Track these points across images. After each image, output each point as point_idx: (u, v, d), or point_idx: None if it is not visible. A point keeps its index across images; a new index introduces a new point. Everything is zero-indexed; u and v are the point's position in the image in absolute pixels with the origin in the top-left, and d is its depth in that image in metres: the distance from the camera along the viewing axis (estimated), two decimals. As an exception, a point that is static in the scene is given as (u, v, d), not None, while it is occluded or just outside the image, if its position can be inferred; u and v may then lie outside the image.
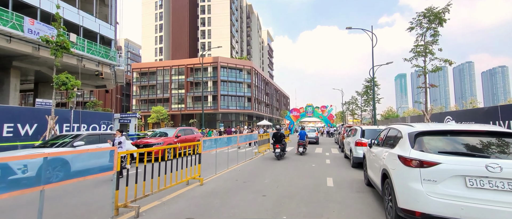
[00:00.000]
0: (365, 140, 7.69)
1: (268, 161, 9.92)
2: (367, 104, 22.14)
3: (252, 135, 10.79)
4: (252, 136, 10.70)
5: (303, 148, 11.84)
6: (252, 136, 10.77)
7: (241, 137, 9.37)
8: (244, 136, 9.74)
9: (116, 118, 19.25)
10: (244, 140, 9.66)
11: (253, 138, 10.89)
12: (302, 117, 46.62)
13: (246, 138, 9.98)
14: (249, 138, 10.52)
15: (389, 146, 4.02)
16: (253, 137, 10.87)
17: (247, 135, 10.19)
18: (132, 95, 53.31)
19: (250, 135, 10.53)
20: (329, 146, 17.53)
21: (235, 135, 8.93)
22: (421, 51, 8.61)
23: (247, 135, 10.17)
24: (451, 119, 18.48)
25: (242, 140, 9.45)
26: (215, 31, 57.80)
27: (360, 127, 8.27)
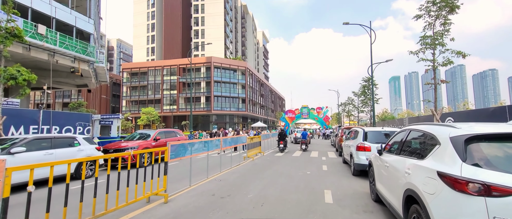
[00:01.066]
0: (368, 144, 6.58)
1: (257, 167, 8.71)
2: (365, 105, 21.16)
3: (239, 137, 9.54)
4: (239, 138, 9.45)
5: (305, 145, 14.60)
6: (239, 139, 9.53)
7: (226, 141, 8.13)
8: (229, 139, 8.48)
9: (96, 120, 17.71)
10: (228, 143, 8.41)
11: (240, 141, 9.65)
12: (297, 119, 45.59)
13: (232, 141, 8.71)
14: (236, 141, 9.27)
15: (413, 155, 2.87)
16: (240, 140, 9.63)
17: (233, 138, 8.92)
18: (122, 96, 51.48)
19: (236, 137, 9.27)
20: (325, 148, 16.43)
21: (217, 138, 7.69)
22: (429, 43, 7.57)
23: (233, 137, 8.89)
24: (453, 121, 17.62)
25: (227, 143, 8.21)
26: (208, 31, 56.56)
27: (362, 128, 7.14)
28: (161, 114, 48.44)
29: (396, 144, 3.71)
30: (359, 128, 7.40)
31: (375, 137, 6.72)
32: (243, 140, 9.87)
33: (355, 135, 7.56)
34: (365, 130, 6.91)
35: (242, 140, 9.77)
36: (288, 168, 8.58)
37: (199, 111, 48.13)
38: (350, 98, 30.74)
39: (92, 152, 7.40)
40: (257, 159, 10.82)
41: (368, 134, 6.82)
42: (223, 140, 7.81)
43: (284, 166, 8.93)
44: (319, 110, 43.49)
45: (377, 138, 6.69)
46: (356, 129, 7.82)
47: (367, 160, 6.29)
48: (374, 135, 6.77)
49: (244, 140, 10.02)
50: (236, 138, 9.23)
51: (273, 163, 9.83)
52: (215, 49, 55.42)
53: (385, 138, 6.60)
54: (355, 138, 7.47)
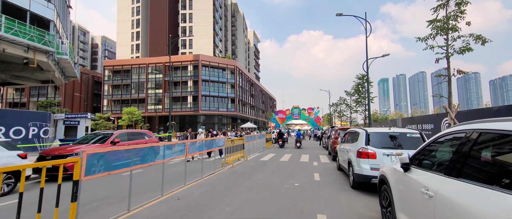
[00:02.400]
0: (373, 149, 5.12)
1: (234, 176, 7.10)
2: (359, 104, 19.97)
3: (214, 140, 7.82)
4: (213, 142, 7.75)
5: (299, 143, 16.98)
6: (214, 142, 7.84)
7: (193, 145, 6.44)
8: (198, 143, 6.77)
9: (60, 119, 15.56)
10: (197, 148, 6.72)
11: (215, 145, 7.97)
12: (288, 119, 44.37)
13: (203, 145, 7.00)
14: (210, 145, 7.59)
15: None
16: (215, 144, 7.95)
17: (205, 141, 7.18)
18: (104, 95, 48.52)
19: (210, 140, 7.55)
20: (317, 151, 15.03)
21: (181, 142, 6.01)
22: (441, 27, 6.26)
23: (205, 140, 7.14)
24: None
25: (195, 148, 6.53)
26: (197, 28, 54.48)
27: (363, 129, 5.67)
28: (145, 114, 45.95)
29: (443, 154, 2.20)
30: (360, 129, 5.93)
31: (380, 140, 5.27)
32: (219, 143, 8.22)
33: (354, 137, 6.09)
34: (368, 130, 5.45)
35: (218, 143, 8.11)
36: (273, 177, 7.02)
37: (185, 111, 45.99)
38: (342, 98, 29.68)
39: (10, 161, 5.56)
40: (238, 165, 9.20)
41: (371, 136, 5.37)
42: (190, 144, 6.13)
43: (268, 175, 7.37)
44: (310, 110, 42.43)
45: (383, 141, 5.24)
46: (355, 129, 6.35)
47: (373, 171, 4.81)
48: (379, 137, 5.32)
49: (221, 143, 8.36)
50: (210, 140, 7.54)
51: (256, 170, 8.25)
52: (203, 47, 53.45)
53: (393, 141, 5.16)
54: (354, 140, 6.00)
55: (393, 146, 5.08)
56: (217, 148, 8.04)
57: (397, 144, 5.11)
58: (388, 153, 4.97)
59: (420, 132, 5.14)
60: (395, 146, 5.08)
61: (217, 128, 48.01)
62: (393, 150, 5.00)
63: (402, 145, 5.06)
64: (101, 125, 40.74)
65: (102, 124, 40.79)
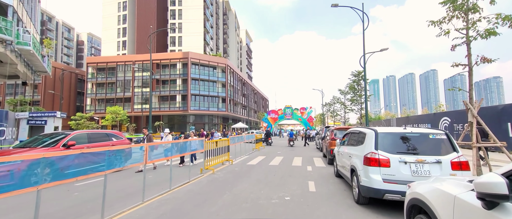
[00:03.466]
0: (385, 155, 3.93)
1: (212, 187, 5.78)
2: (355, 102, 18.94)
3: (186, 144, 6.35)
4: (185, 145, 6.29)
5: (292, 142, 18.44)
6: (186, 146, 6.39)
7: (154, 149, 5.03)
8: (164, 147, 5.32)
9: (23, 118, 13.74)
10: (164, 153, 5.29)
11: (188, 149, 6.55)
12: (280, 119, 43.30)
13: (170, 149, 5.54)
14: (182, 149, 6.17)
15: None
16: (188, 147, 6.53)
17: (173, 145, 5.66)
18: (87, 93, 45.99)
19: (182, 143, 6.09)
20: (310, 153, 13.88)
21: (136, 145, 4.62)
22: (460, 5, 5.20)
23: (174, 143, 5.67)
24: (449, 121, 15.82)
25: (159, 153, 5.13)
26: (187, 25, 52.66)
27: (372, 129, 4.48)
28: (131, 113, 43.82)
29: None
30: (366, 128, 4.73)
31: (394, 142, 4.09)
32: (195, 146, 6.83)
33: (359, 138, 4.90)
34: (378, 130, 4.26)
35: (193, 147, 6.71)
36: (259, 187, 5.75)
37: (174, 111, 44.16)
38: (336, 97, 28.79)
39: None
40: (220, 171, 7.88)
41: (382, 137, 4.17)
42: (151, 148, 4.76)
43: (253, 184, 6.09)
44: (303, 110, 41.51)
45: (398, 144, 4.06)
46: (359, 129, 5.15)
47: (387, 185, 3.63)
48: (392, 139, 4.13)
49: (198, 146, 6.98)
50: (182, 144, 6.11)
51: (240, 177, 6.96)
52: (193, 45, 51.70)
53: (411, 145, 3.99)
54: (359, 143, 4.81)
55: (411, 151, 3.90)
56: (190, 153, 6.62)
57: (416, 148, 3.94)
58: (406, 160, 3.79)
59: (446, 132, 4.00)
60: (414, 150, 3.91)
61: (207, 128, 46.38)
62: (412, 156, 3.83)
63: (422, 150, 3.90)
64: (83, 125, 38.37)
65: (84, 124, 38.43)
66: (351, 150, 5.09)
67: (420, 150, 3.88)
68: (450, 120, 15.24)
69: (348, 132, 6.12)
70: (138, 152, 4.39)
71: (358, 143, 4.84)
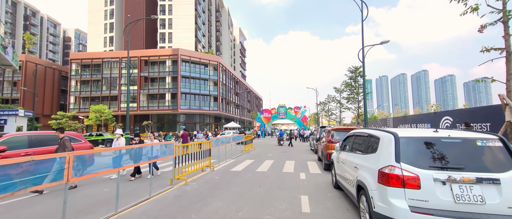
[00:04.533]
0: (413, 170, 2.66)
1: (175, 208, 4.43)
2: (352, 100, 17.75)
3: (129, 151, 4.49)
4: (140, 152, 4.66)
5: (282, 141, 19.21)
6: (142, 153, 4.81)
7: (81, 160, 3.59)
8: (88, 156, 3.79)
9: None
10: (104, 165, 3.79)
11: (146, 157, 4.98)
12: (274, 119, 42.12)
13: (117, 159, 4.02)
14: (136, 157, 4.65)
15: None
16: (145, 154, 4.98)
17: (120, 152, 4.23)
18: (70, 91, 43.61)
19: (136, 150, 4.59)
20: (304, 155, 12.67)
21: (60, 155, 3.20)
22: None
23: (122, 150, 4.17)
24: (451, 120, 14.87)
25: (92, 167, 3.64)
26: (177, 21, 50.77)
27: (390, 132, 3.18)
28: (117, 112, 41.79)
29: None
30: (380, 131, 3.45)
31: (425, 152, 2.82)
32: (157, 152, 5.34)
33: (370, 144, 3.63)
34: (398, 134, 2.99)
35: (154, 153, 5.23)
36: (238, 206, 4.43)
37: (163, 110, 42.33)
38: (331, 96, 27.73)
39: None
40: (196, 181, 6.53)
41: (405, 143, 2.91)
42: (80, 159, 3.36)
43: (231, 201, 4.76)
44: (297, 109, 40.45)
45: (430, 154, 2.80)
46: (369, 131, 3.88)
47: (417, 216, 2.35)
48: (421, 147, 2.85)
49: (163, 152, 5.55)
50: (137, 150, 4.62)
51: (218, 189, 5.63)
52: (184, 42, 49.88)
53: (449, 155, 2.73)
54: (369, 150, 3.54)
55: (451, 165, 2.65)
56: (149, 161, 5.10)
57: (458, 160, 2.70)
58: (445, 179, 2.54)
59: (501, 137, 2.76)
60: (455, 164, 2.66)
61: (198, 128, 44.77)
62: (454, 172, 2.58)
63: (468, 163, 2.66)
64: (64, 124, 36.13)
65: (66, 123, 36.20)
66: (357, 158, 3.83)
67: (464, 164, 2.64)
68: (452, 119, 14.25)
69: (351, 134, 4.85)
70: (53, 164, 2.99)
71: (368, 150, 3.57)
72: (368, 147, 3.63)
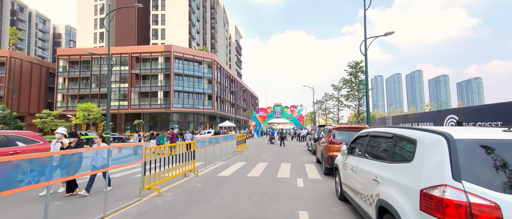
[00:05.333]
0: (486, 195, 1.61)
1: None
2: (352, 98, 16.70)
3: (82, 155, 3.44)
4: (79, 161, 3.37)
5: (273, 140, 19.77)
6: (81, 161, 3.45)
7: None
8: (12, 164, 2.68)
9: None
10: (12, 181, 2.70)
11: (85, 167, 3.57)
12: (269, 118, 41.09)
13: (45, 170, 2.87)
14: (65, 169, 3.30)
15: None
16: (83, 165, 3.61)
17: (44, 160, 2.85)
18: (57, 88, 41.81)
19: (69, 157, 3.25)
20: (301, 156, 11.67)
21: None
22: None
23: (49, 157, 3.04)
24: (456, 119, 14.02)
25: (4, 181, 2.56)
26: (170, 17, 49.27)
27: (440, 132, 2.08)
28: (107, 111, 40.13)
29: None
30: (416, 130, 2.38)
31: (502, 165, 1.76)
32: (83, 162, 3.83)
33: (398, 148, 2.56)
34: (454, 135, 1.94)
35: (100, 161, 3.99)
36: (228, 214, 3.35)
37: (156, 108, 40.94)
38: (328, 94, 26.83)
39: None
40: (172, 190, 5.43)
41: (466, 151, 1.82)
42: None
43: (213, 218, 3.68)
44: (293, 108, 39.51)
45: (507, 169, 1.73)
46: (396, 131, 2.77)
47: None
48: (493, 153, 1.82)
49: (96, 160, 4.23)
50: (72, 157, 3.39)
51: (197, 202, 4.54)
52: (178, 38, 48.44)
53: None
54: (398, 158, 2.49)
55: None
56: (93, 172, 3.91)
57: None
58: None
59: None
60: None
61: (192, 127, 43.50)
62: None
63: None
64: (50, 124, 34.44)
65: (51, 122, 34.51)
66: (377, 168, 2.78)
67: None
68: (457, 118, 13.43)
69: (362, 134, 3.81)
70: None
71: (395, 157, 2.53)
72: (394, 153, 2.59)
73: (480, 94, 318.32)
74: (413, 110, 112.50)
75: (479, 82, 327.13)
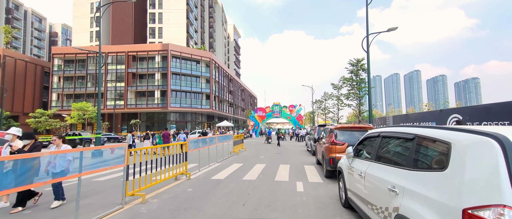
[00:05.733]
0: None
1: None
2: (353, 97, 16.20)
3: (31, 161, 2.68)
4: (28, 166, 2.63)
5: (270, 140, 19.82)
6: (28, 167, 2.67)
7: None
8: None
9: None
10: None
11: (35, 176, 2.79)
12: (268, 117, 40.62)
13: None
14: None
15: None
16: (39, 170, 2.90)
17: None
18: (52, 88, 41.09)
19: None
20: (300, 157, 11.21)
21: None
22: None
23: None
24: (460, 119, 13.62)
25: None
26: (168, 15, 48.65)
27: (487, 134, 1.57)
28: (103, 110, 39.52)
29: None
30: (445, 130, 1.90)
31: None
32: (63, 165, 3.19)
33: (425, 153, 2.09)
34: (508, 135, 1.48)
35: (58, 167, 3.28)
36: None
37: (152, 108, 40.34)
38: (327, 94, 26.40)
39: None
40: (159, 196, 4.94)
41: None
42: None
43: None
44: (292, 108, 39.07)
45: None
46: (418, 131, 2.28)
47: None
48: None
49: (53, 166, 3.54)
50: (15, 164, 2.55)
51: (185, 212, 4.06)
52: (175, 37, 47.83)
53: None
54: (425, 164, 2.01)
55: None
56: (56, 180, 3.33)
57: None
58: None
59: None
60: None
61: (190, 127, 42.96)
62: None
63: None
64: (44, 123, 33.75)
65: (45, 122, 33.82)
66: (396, 175, 2.31)
67: None
68: (461, 117, 13.02)
69: (372, 134, 3.34)
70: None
71: (420, 163, 2.06)
72: (417, 158, 2.11)
73: (477, 94, 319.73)
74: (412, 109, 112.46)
75: (476, 82, 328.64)
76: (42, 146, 5.06)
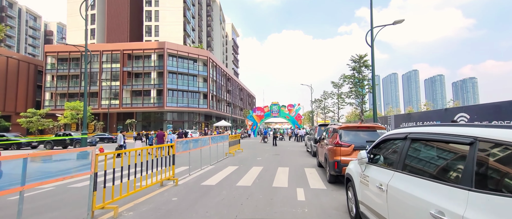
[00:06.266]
0: None
1: None
2: (357, 95, 15.47)
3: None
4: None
5: (266, 139, 20.85)
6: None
7: None
8: None
9: None
10: None
11: None
12: (266, 117, 39.96)
13: None
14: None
15: None
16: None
17: None
18: (45, 87, 40.11)
19: None
20: (300, 158, 10.53)
21: None
22: None
23: None
24: (468, 117, 13.01)
25: None
26: (164, 13, 47.77)
27: None
28: (98, 110, 38.66)
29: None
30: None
31: None
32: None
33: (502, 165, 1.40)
34: None
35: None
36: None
37: (148, 107, 39.50)
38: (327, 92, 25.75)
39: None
40: (133, 210, 4.23)
41: None
42: None
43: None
44: (291, 107, 38.41)
45: None
46: (480, 132, 1.59)
47: None
48: None
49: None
50: None
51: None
52: (172, 36, 46.99)
53: None
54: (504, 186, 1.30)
55: None
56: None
57: None
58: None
59: None
60: None
61: (187, 127, 42.16)
62: None
63: None
64: (36, 123, 32.80)
65: (37, 122, 32.87)
66: (442, 197, 1.60)
67: None
68: (469, 116, 12.37)
69: (394, 135, 2.65)
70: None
71: (489, 181, 1.36)
72: (482, 174, 1.42)
73: (475, 94, 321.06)
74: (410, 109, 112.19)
75: (474, 82, 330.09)
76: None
